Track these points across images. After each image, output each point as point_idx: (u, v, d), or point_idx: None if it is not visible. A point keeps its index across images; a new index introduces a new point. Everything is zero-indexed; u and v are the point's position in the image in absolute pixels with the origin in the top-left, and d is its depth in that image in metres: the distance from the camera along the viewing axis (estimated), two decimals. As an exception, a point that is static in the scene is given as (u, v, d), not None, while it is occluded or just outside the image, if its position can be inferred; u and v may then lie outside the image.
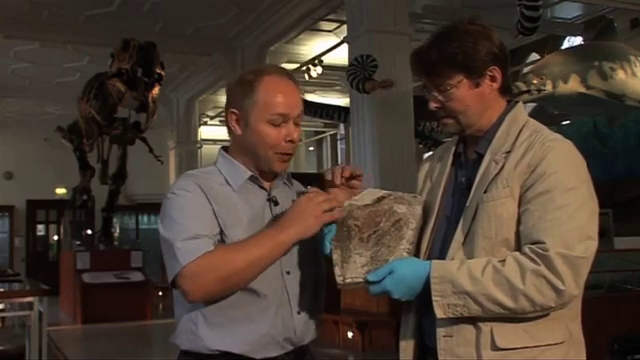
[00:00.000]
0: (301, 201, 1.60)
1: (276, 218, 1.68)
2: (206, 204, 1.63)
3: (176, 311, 1.69)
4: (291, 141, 1.68)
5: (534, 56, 11.02)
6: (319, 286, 1.76)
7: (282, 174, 1.77)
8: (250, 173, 1.71)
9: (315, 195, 1.60)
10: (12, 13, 9.31)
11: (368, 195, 1.64)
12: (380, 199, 1.61)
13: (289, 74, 1.75)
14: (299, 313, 1.67)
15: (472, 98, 1.58)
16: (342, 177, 1.72)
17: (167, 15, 9.81)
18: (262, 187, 1.73)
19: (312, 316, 1.72)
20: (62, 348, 7.28)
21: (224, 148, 1.79)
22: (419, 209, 1.60)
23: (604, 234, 5.84)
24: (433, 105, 1.62)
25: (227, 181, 1.70)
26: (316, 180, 2.06)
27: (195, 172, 1.74)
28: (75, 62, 11.55)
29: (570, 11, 10.01)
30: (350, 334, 6.69)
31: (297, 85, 1.73)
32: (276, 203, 1.72)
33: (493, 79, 1.59)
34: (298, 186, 1.85)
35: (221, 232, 1.62)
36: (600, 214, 1.52)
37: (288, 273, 1.67)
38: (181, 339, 1.66)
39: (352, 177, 1.73)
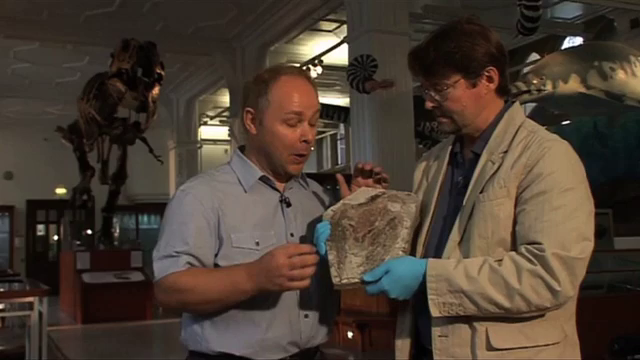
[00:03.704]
0: (278, 256, 1.48)
1: (287, 220, 1.68)
2: (200, 212, 1.62)
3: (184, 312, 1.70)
4: (306, 141, 1.66)
5: (534, 56, 10.99)
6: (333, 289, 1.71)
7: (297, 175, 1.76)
8: (261, 173, 1.69)
9: (292, 251, 1.48)
10: (12, 13, 9.30)
11: (362, 194, 1.63)
12: (374, 198, 1.60)
13: (306, 74, 1.75)
14: (307, 317, 1.66)
15: (468, 98, 1.58)
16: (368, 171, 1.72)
17: (167, 15, 9.79)
18: (274, 188, 1.71)
19: (322, 319, 1.70)
20: (62, 348, 7.27)
21: (240, 148, 1.78)
22: (413, 207, 1.59)
23: (604, 234, 5.83)
24: (429, 104, 1.62)
25: (239, 181, 1.69)
26: (316, 179, 2.03)
27: (209, 172, 1.74)
28: (75, 62, 11.53)
29: (570, 11, 9.99)
30: (350, 334, 6.68)
31: (314, 85, 1.72)
32: (288, 204, 1.70)
33: (490, 80, 1.59)
34: (314, 186, 1.82)
35: (220, 237, 1.61)
36: (600, 214, 1.52)
37: None
38: (187, 340, 1.68)
39: (374, 173, 1.74)
